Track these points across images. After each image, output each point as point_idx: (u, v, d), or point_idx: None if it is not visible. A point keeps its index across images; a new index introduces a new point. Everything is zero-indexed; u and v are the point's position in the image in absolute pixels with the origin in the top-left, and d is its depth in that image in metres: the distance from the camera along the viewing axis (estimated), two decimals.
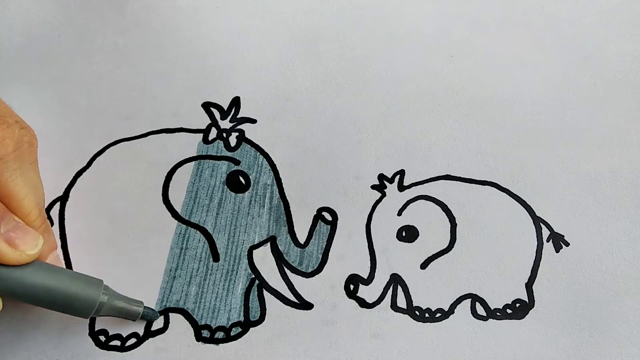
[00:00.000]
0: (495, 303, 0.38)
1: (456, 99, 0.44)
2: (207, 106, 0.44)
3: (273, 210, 0.40)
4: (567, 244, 0.40)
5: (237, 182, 0.41)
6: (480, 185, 0.41)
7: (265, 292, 0.38)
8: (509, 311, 0.38)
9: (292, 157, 0.42)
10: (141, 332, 0.36)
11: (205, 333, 0.37)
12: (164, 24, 0.47)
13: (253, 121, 0.43)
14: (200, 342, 0.36)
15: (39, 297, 0.32)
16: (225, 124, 0.43)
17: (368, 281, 0.38)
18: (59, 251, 0.38)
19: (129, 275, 0.38)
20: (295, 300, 0.38)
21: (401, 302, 0.38)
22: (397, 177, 0.41)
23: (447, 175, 0.42)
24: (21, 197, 0.33)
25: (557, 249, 0.39)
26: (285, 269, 0.39)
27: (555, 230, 0.40)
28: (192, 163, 0.42)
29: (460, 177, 0.42)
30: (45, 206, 0.40)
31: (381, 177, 0.41)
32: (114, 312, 0.35)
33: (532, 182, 0.41)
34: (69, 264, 0.38)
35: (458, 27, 0.47)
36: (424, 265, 0.39)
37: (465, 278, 0.39)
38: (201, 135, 0.43)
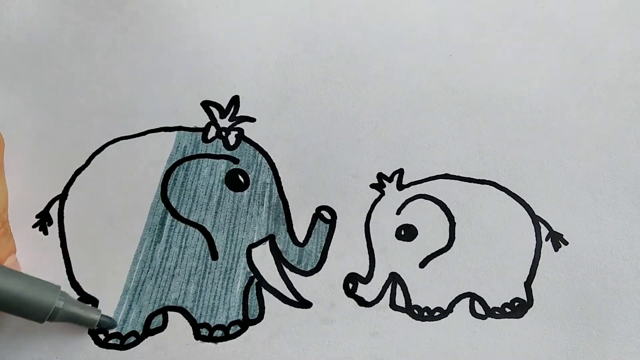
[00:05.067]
0: (494, 302, 0.38)
1: (455, 98, 0.44)
2: (206, 105, 0.44)
3: (272, 209, 0.40)
4: (566, 243, 0.40)
5: (236, 181, 0.41)
6: (479, 184, 0.41)
7: (264, 291, 0.38)
8: (507, 310, 0.38)
9: (291, 156, 0.42)
10: (140, 331, 0.36)
11: (204, 331, 0.37)
12: (164, 22, 0.47)
13: (252, 120, 0.43)
14: (199, 341, 0.36)
15: None
16: (225, 123, 0.43)
17: (367, 280, 0.38)
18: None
19: (127, 274, 0.38)
20: (294, 299, 0.38)
21: (400, 300, 0.38)
22: (396, 176, 0.41)
23: (446, 174, 0.42)
24: None
25: (556, 247, 0.39)
26: (284, 267, 0.39)
27: (554, 229, 0.40)
28: (191, 161, 0.42)
29: (459, 176, 0.42)
30: (45, 204, 0.40)
31: (380, 176, 0.42)
32: (69, 318, 0.35)
33: (531, 181, 0.41)
34: (67, 263, 0.38)
35: (457, 26, 0.47)
36: (422, 264, 0.39)
37: (464, 277, 0.39)
38: (200, 133, 0.43)
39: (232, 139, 0.43)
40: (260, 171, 0.42)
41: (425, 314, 0.38)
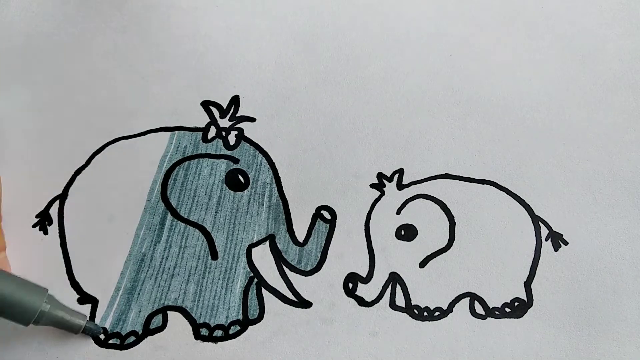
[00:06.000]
0: (493, 302, 0.38)
1: (455, 98, 0.44)
2: (206, 105, 0.44)
3: (272, 209, 0.40)
4: (566, 243, 0.40)
5: (236, 181, 0.41)
6: (479, 184, 0.41)
7: (264, 291, 0.38)
8: (507, 310, 0.38)
9: (291, 155, 0.42)
10: (140, 331, 0.36)
11: (204, 331, 0.37)
12: (164, 22, 0.47)
13: (252, 120, 0.43)
14: (198, 341, 0.36)
15: None
16: (225, 123, 0.43)
17: (367, 280, 0.38)
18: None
19: (127, 273, 0.38)
20: (294, 299, 0.38)
21: (400, 300, 0.38)
22: (396, 175, 0.41)
23: (446, 174, 0.42)
24: None
25: (556, 247, 0.39)
26: (284, 267, 0.39)
27: (554, 229, 0.40)
28: (191, 161, 0.42)
29: (459, 176, 0.42)
30: (45, 204, 0.40)
31: (380, 175, 0.41)
32: (54, 322, 0.34)
33: (531, 181, 0.41)
34: (67, 262, 0.38)
35: (457, 26, 0.47)
36: (422, 264, 0.39)
37: (464, 277, 0.39)
38: (200, 133, 0.43)
39: (232, 138, 0.43)
40: (260, 171, 0.42)
41: (425, 314, 0.37)
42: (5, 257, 0.37)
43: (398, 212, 0.40)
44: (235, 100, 0.44)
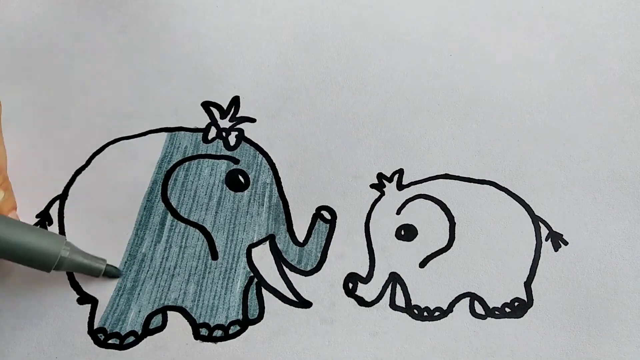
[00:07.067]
0: (494, 302, 0.38)
1: (455, 98, 0.44)
2: (206, 105, 0.44)
3: (272, 209, 0.40)
4: (566, 243, 0.39)
5: (236, 181, 0.41)
6: (479, 185, 0.41)
7: (263, 291, 0.38)
8: (507, 310, 0.38)
9: (291, 156, 0.42)
10: (139, 331, 0.36)
11: (204, 331, 0.37)
12: (164, 22, 0.47)
13: (252, 120, 0.43)
14: (198, 341, 0.36)
15: (1, 247, 0.33)
16: (225, 123, 0.43)
17: (367, 280, 0.38)
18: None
19: (127, 273, 0.38)
20: (294, 299, 0.38)
21: (400, 300, 0.38)
22: (396, 176, 0.41)
23: (446, 174, 0.42)
24: None
25: (556, 248, 0.39)
26: (284, 267, 0.39)
27: (554, 229, 0.40)
28: (192, 162, 0.42)
29: (459, 176, 0.42)
30: (45, 204, 0.40)
31: (380, 176, 0.42)
32: (75, 267, 0.36)
33: (531, 181, 0.41)
34: None
35: (457, 26, 0.47)
36: (422, 264, 0.39)
37: (464, 277, 0.38)
38: (201, 134, 0.43)
39: (232, 139, 0.43)
40: (261, 171, 0.42)
41: (425, 314, 0.37)
42: (17, 216, 0.38)
43: (398, 212, 0.40)
44: (235, 101, 0.44)
